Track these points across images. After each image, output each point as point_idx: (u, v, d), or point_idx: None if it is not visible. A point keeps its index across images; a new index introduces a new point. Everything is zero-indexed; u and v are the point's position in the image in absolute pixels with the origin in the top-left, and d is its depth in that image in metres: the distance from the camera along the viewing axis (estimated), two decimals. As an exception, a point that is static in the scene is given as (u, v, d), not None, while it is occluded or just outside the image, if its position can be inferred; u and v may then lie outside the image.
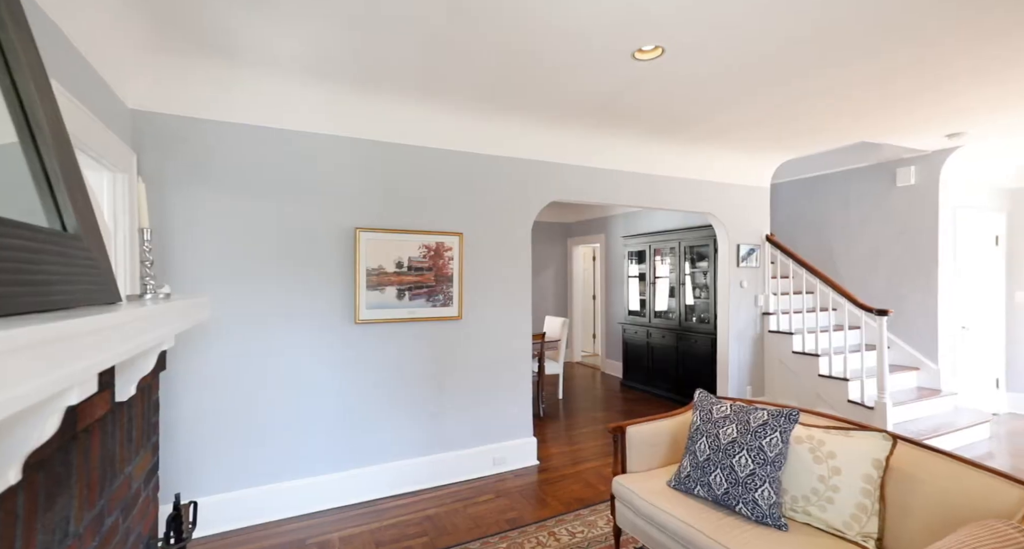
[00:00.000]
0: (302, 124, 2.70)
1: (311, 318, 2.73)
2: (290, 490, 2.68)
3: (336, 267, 2.80)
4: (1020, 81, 2.54)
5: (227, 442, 2.55)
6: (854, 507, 1.66)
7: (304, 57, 2.23)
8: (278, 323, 2.66)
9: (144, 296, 1.38)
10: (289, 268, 2.69)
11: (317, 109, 2.68)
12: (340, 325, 2.80)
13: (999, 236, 4.54)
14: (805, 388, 4.06)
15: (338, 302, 2.80)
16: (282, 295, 2.67)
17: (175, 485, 2.43)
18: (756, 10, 1.85)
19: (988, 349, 4.48)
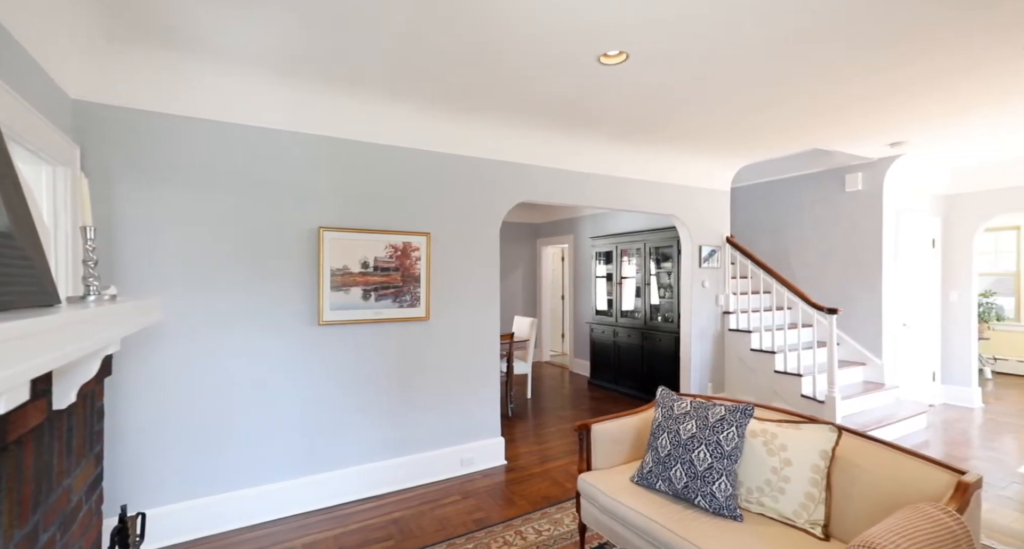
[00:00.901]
0: (264, 120, 2.61)
1: (272, 320, 2.65)
2: (249, 497, 2.59)
3: (299, 267, 2.72)
4: (954, 96, 2.74)
5: (181, 449, 2.44)
6: (803, 496, 1.75)
7: (265, 51, 2.16)
8: (237, 325, 2.56)
9: (87, 298, 1.30)
10: (249, 269, 2.59)
11: (280, 105, 2.60)
12: (303, 327, 2.73)
13: (935, 239, 4.87)
14: (762, 384, 4.24)
15: (301, 303, 2.72)
16: (242, 296, 2.57)
17: (123, 496, 2.31)
18: (714, 23, 1.92)
19: (926, 345, 4.80)
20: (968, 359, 4.78)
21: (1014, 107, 2.94)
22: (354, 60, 2.26)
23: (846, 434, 1.86)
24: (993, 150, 4.05)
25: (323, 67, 2.33)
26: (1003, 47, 2.15)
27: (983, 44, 2.12)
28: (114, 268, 2.30)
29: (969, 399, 4.75)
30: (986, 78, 2.49)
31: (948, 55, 2.23)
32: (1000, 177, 4.54)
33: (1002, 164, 4.47)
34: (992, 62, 2.30)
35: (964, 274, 4.81)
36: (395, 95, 2.66)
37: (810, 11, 1.86)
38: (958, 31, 2.01)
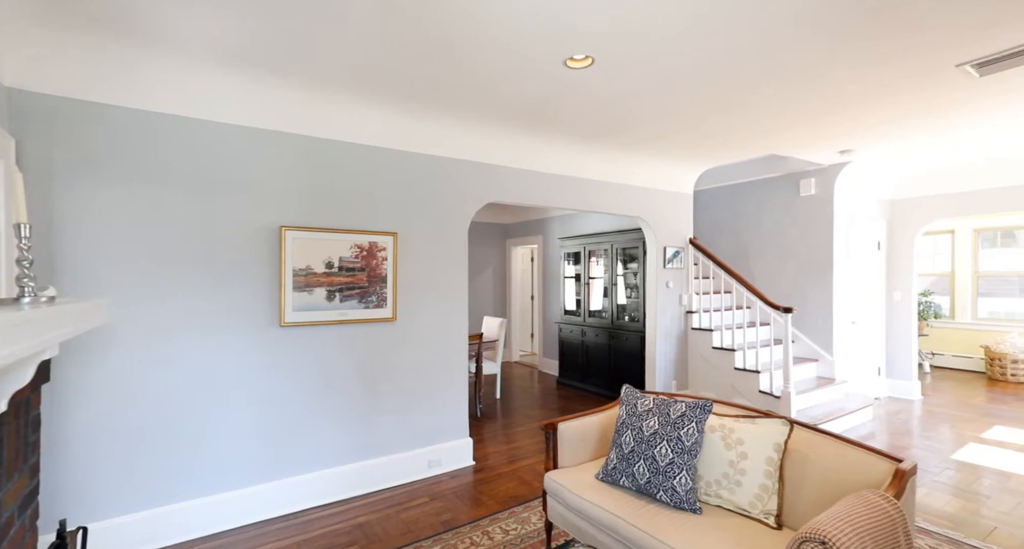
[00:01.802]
0: (222, 115, 2.51)
1: (231, 321, 2.55)
2: (206, 506, 2.48)
3: (259, 267, 2.63)
4: (894, 108, 2.92)
5: (131, 458, 2.32)
6: (758, 488, 1.83)
7: (222, 43, 2.08)
8: (192, 327, 2.45)
9: (21, 300, 1.22)
10: (205, 269, 2.49)
11: (239, 100, 2.51)
12: (263, 328, 2.64)
13: (880, 242, 5.18)
14: (723, 381, 4.39)
15: (261, 304, 2.63)
16: (198, 298, 2.46)
17: (64, 510, 2.17)
18: (677, 33, 1.98)
19: (872, 341, 5.09)
20: (909, 355, 5.10)
21: (948, 121, 3.16)
22: (316, 56, 2.20)
23: (797, 427, 1.95)
24: (931, 159, 4.34)
25: (283, 62, 2.26)
26: (935, 65, 2.31)
27: (916, 63, 2.27)
28: (56, 269, 2.15)
29: (910, 392, 5.07)
30: (922, 93, 2.67)
31: (887, 71, 2.37)
32: (937, 185, 4.87)
33: (939, 173, 4.79)
34: (927, 78, 2.47)
35: (906, 275, 5.13)
36: (361, 93, 2.61)
37: (763, 26, 1.94)
38: (892, 49, 2.14)
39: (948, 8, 1.84)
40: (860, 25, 1.95)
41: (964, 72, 2.38)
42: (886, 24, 1.95)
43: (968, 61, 2.26)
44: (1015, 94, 2.71)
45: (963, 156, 4.24)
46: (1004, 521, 2.56)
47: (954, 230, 6.83)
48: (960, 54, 2.20)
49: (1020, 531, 2.46)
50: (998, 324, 6.40)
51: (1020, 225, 6.31)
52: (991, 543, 2.35)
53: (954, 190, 4.78)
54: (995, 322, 6.45)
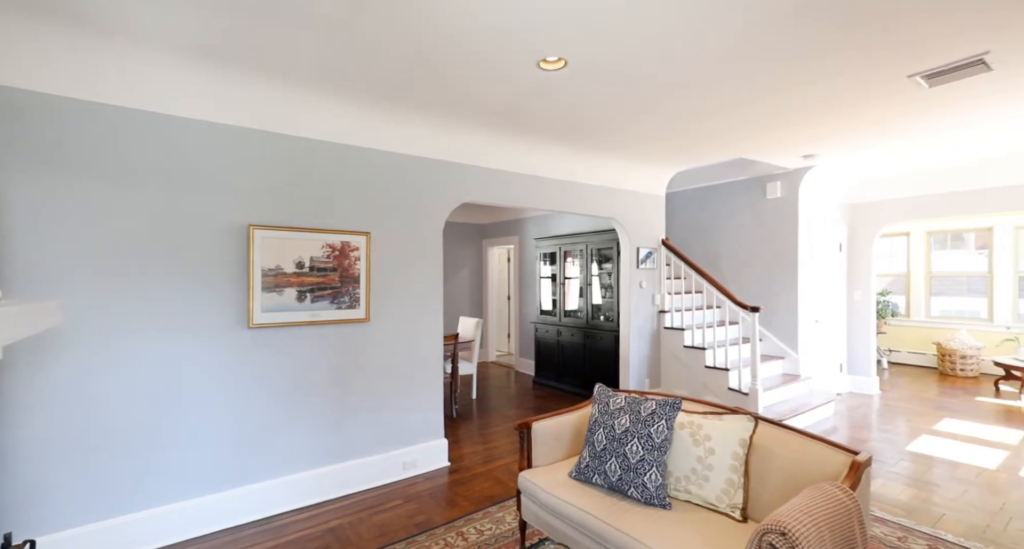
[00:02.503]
0: (186, 110, 2.43)
1: (196, 323, 2.47)
2: (173, 513, 2.39)
3: (226, 267, 2.55)
4: (853, 115, 3.05)
5: (85, 467, 2.21)
6: (724, 482, 1.88)
7: (182, 36, 2.01)
8: (155, 329, 2.36)
9: (-40, 301, 1.15)
10: (169, 269, 2.40)
11: (203, 95, 2.42)
12: (230, 330, 2.56)
13: (842, 243, 5.40)
14: (694, 378, 4.50)
15: (228, 305, 2.55)
16: (160, 299, 2.37)
17: (11, 523, 2.05)
18: (647, 38, 2.02)
19: (834, 339, 5.30)
20: (868, 351, 5.33)
21: (902, 129, 3.32)
22: (282, 51, 2.15)
23: (762, 423, 2.01)
24: (888, 165, 4.56)
25: (248, 57, 2.20)
26: (888, 76, 2.42)
27: (871, 74, 2.38)
28: (7, 268, 2.04)
29: (869, 387, 5.31)
30: (877, 102, 2.80)
31: (845, 82, 2.48)
32: (894, 189, 5.11)
33: (895, 178, 5.03)
34: (881, 89, 2.59)
35: (865, 275, 5.37)
36: (331, 90, 2.56)
37: (729, 36, 2.00)
38: (848, 61, 2.24)
39: (899, 24, 1.93)
40: (819, 38, 2.03)
41: (915, 83, 2.51)
42: (843, 37, 2.03)
43: (918, 72, 2.39)
44: (961, 104, 2.87)
45: (917, 162, 4.47)
46: (952, 507, 2.71)
47: (909, 233, 7.18)
48: (911, 66, 2.32)
49: (965, 517, 2.61)
50: (949, 322, 6.76)
51: (968, 228, 6.69)
52: (939, 529, 2.48)
53: (909, 194, 5.02)
54: (946, 320, 6.81)
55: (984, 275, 6.54)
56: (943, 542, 2.35)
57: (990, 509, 2.69)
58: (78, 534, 2.18)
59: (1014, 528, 2.49)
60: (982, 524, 2.53)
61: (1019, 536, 2.42)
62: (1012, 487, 2.98)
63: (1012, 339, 5.94)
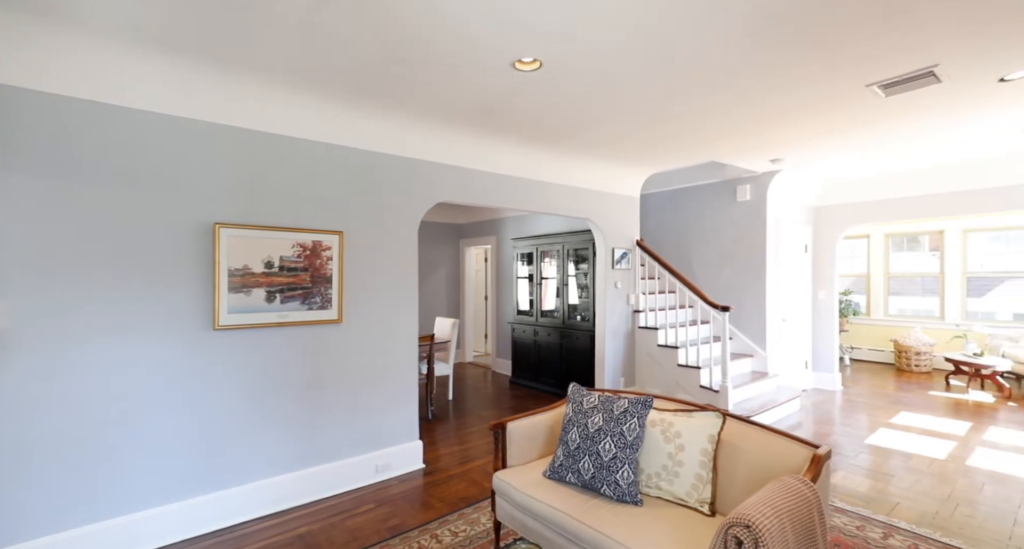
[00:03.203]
0: (146, 103, 2.33)
1: (157, 325, 2.37)
2: (133, 524, 2.29)
3: (190, 267, 2.46)
4: (816, 122, 3.17)
5: (38, 477, 2.10)
6: (694, 478, 1.92)
7: (147, 26, 1.93)
8: (111, 332, 2.26)
9: None
10: (128, 268, 2.30)
11: (164, 87, 2.33)
12: (195, 332, 2.47)
13: (807, 245, 5.60)
14: (667, 377, 4.59)
15: (192, 307, 2.47)
16: (119, 300, 2.27)
17: (-47, 540, 1.93)
18: (618, 42, 2.05)
19: (800, 337, 5.50)
20: (832, 349, 5.55)
21: (860, 136, 3.47)
22: (246, 44, 2.09)
23: (730, 419, 2.07)
24: (849, 170, 4.76)
25: (211, 49, 2.13)
26: (847, 85, 2.53)
27: (831, 83, 2.48)
28: (-58, 267, 1.92)
29: (832, 383, 5.52)
30: (837, 110, 2.92)
31: (807, 90, 2.58)
32: (855, 193, 5.34)
33: (856, 182, 5.26)
34: (840, 97, 2.70)
35: (828, 276, 5.59)
36: (302, 86, 2.51)
37: (698, 44, 2.05)
38: (810, 70, 2.33)
39: (855, 36, 2.02)
40: (784, 46, 2.11)
41: (872, 92, 2.63)
42: (805, 47, 2.11)
43: (875, 82, 2.50)
44: (916, 113, 3.02)
45: (876, 167, 4.68)
46: (905, 497, 2.85)
47: (869, 235, 7.51)
48: (868, 76, 2.43)
49: (917, 505, 2.74)
50: (905, 320, 7.10)
51: (923, 231, 7.04)
52: (894, 517, 2.60)
53: (869, 198, 5.25)
54: (903, 318, 7.15)
55: (936, 276, 6.90)
56: (897, 529, 2.47)
57: (939, 497, 2.84)
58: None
59: (960, 514, 2.64)
60: (932, 511, 2.67)
61: (964, 521, 2.56)
62: (959, 475, 3.15)
63: (960, 336, 6.28)
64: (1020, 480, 3.07)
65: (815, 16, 1.88)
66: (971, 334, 6.35)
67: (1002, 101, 2.83)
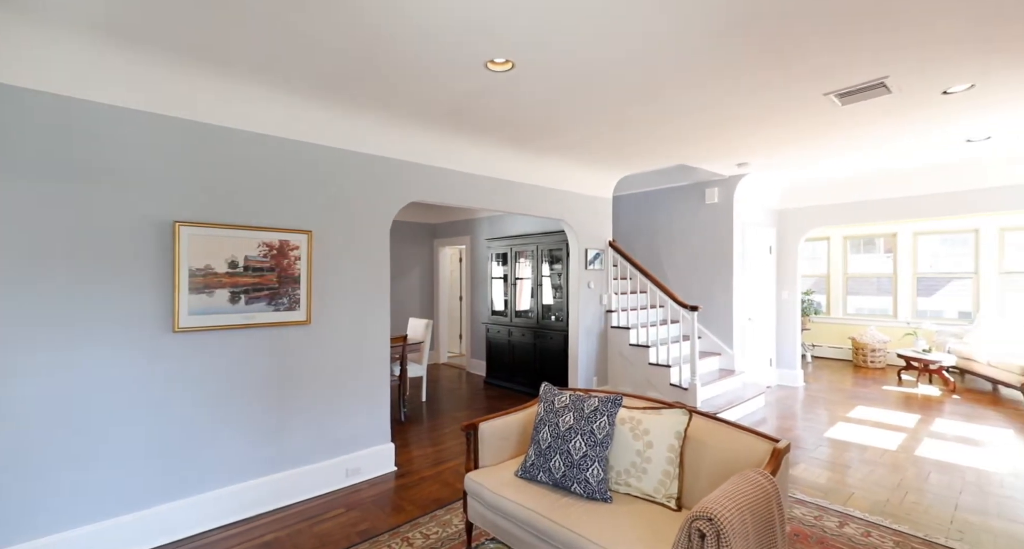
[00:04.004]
0: (106, 95, 2.22)
1: (111, 328, 2.26)
2: (81, 538, 2.17)
3: (148, 267, 2.36)
4: (779, 129, 3.29)
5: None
6: (661, 474, 1.97)
7: (106, 16, 1.84)
8: (61, 335, 2.14)
9: None
10: (81, 269, 2.18)
11: (125, 79, 2.23)
12: (153, 335, 2.37)
13: (772, 246, 5.81)
14: (639, 375, 4.68)
15: (150, 308, 2.37)
16: (71, 301, 2.16)
17: None
18: (587, 45, 2.08)
19: (765, 336, 5.70)
20: (794, 347, 5.77)
21: (819, 142, 3.63)
22: (215, 38, 2.02)
23: (696, 416, 2.13)
24: (809, 175, 4.96)
25: (178, 42, 2.05)
26: (807, 92, 2.64)
27: (791, 91, 2.58)
28: None
29: (795, 380, 5.74)
30: (797, 117, 3.04)
31: (768, 98, 2.68)
32: (815, 197, 5.57)
33: (817, 187, 5.49)
34: (799, 105, 2.81)
35: (791, 276, 5.81)
36: (270, 82, 2.44)
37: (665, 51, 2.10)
38: (770, 78, 2.42)
39: (810, 47, 2.11)
40: (746, 55, 2.18)
41: (830, 101, 2.75)
42: (766, 56, 2.19)
43: (832, 91, 2.62)
44: (870, 122, 3.18)
45: (835, 172, 4.89)
46: (860, 487, 2.99)
47: (829, 237, 7.85)
48: (825, 85, 2.54)
49: (870, 494, 2.89)
50: (862, 319, 7.46)
51: (878, 234, 7.41)
52: (849, 507, 2.73)
53: (828, 202, 5.49)
54: (860, 317, 7.50)
55: (890, 276, 7.27)
56: (852, 518, 2.59)
57: (890, 486, 3.00)
58: (-34, 566, 1.95)
59: (908, 501, 2.79)
60: (884, 499, 2.81)
61: (912, 508, 2.71)
62: (908, 465, 3.33)
63: (911, 333, 6.64)
64: (961, 468, 3.28)
65: (776, 28, 1.96)
66: (921, 331, 6.71)
67: (946, 112, 3.00)
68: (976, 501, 2.80)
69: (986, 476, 3.15)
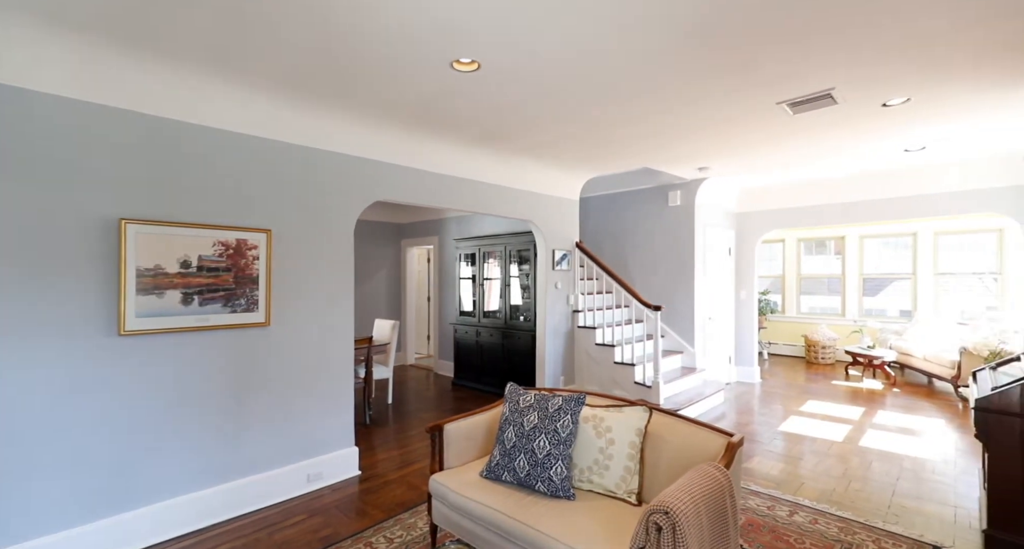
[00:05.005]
0: (41, 83, 2.08)
1: (52, 331, 2.12)
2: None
3: (91, 266, 2.23)
4: (736, 135, 3.43)
5: None
6: (623, 470, 2.02)
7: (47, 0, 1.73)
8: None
9: None
10: (15, 269, 2.04)
11: (66, 67, 2.09)
12: (96, 338, 2.24)
13: (731, 248, 6.04)
14: (604, 374, 4.77)
15: (93, 310, 2.23)
16: (4, 304, 2.01)
17: None
18: (551, 47, 2.11)
19: (724, 334, 5.91)
20: (752, 344, 6.02)
21: (777, 147, 3.80)
22: (167, 26, 1.93)
23: (656, 413, 2.19)
24: (765, 180, 5.19)
25: (127, 29, 1.94)
26: (762, 100, 2.77)
27: (746, 100, 2.70)
28: None
29: (752, 376, 5.99)
30: (752, 125, 3.18)
31: (725, 106, 2.79)
32: (771, 201, 5.82)
33: (774, 191, 5.74)
34: (754, 113, 2.94)
35: (749, 277, 6.05)
36: (223, 74, 2.35)
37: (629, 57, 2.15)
38: (726, 86, 2.53)
39: (761, 58, 2.21)
40: (704, 61, 2.26)
41: (783, 110, 2.89)
42: (722, 64, 2.28)
43: (784, 101, 2.75)
44: (819, 131, 3.36)
45: (789, 178, 5.14)
46: (809, 477, 3.16)
47: (784, 240, 8.23)
48: (778, 95, 2.67)
49: (819, 484, 3.05)
50: (814, 317, 7.85)
51: (828, 236, 7.83)
52: (799, 496, 2.87)
53: (783, 206, 5.76)
54: (813, 316, 7.90)
55: (839, 277, 7.69)
56: (801, 507, 2.73)
57: (837, 475, 3.18)
58: None
59: (852, 489, 2.97)
60: (830, 488, 2.98)
61: (855, 496, 2.88)
62: (852, 455, 3.54)
63: (857, 331, 7.05)
64: (900, 456, 3.51)
65: (734, 37, 2.04)
66: (866, 329, 7.14)
67: (886, 123, 3.21)
68: (911, 487, 3.00)
69: (920, 463, 3.38)
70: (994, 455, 2.26)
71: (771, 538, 2.41)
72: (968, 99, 2.77)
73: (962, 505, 2.76)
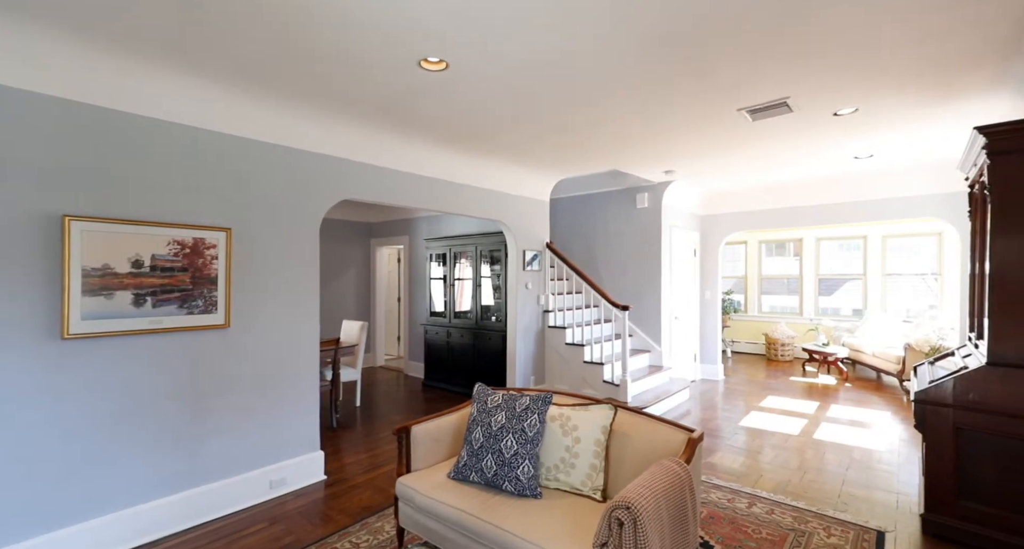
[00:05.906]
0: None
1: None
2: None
3: (30, 266, 2.09)
4: (699, 140, 3.54)
5: None
6: (588, 468, 2.05)
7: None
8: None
9: None
10: (-62, 266, 1.89)
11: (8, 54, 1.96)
12: (35, 342, 2.11)
13: (696, 249, 6.23)
14: (574, 373, 4.82)
15: (32, 312, 2.10)
16: (-78, 304, 1.86)
17: None
18: (518, 48, 2.12)
19: (690, 333, 6.09)
20: (716, 343, 6.22)
21: (738, 152, 3.94)
22: (115, 11, 1.84)
23: (621, 410, 2.23)
24: (728, 183, 5.37)
25: (71, 13, 1.83)
26: (723, 107, 2.86)
27: (708, 105, 2.79)
28: None
29: (716, 374, 6.19)
30: (719, 128, 3.29)
31: (688, 110, 2.87)
32: (734, 204, 6.03)
33: (736, 194, 5.95)
34: (719, 116, 3.05)
35: (713, 277, 6.25)
36: (187, 65, 2.25)
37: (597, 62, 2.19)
38: (689, 91, 2.60)
39: (719, 67, 2.29)
40: (667, 68, 2.33)
41: (742, 116, 3.01)
42: (686, 70, 2.35)
43: (744, 107, 2.86)
44: (777, 137, 3.50)
45: (750, 182, 5.34)
46: (767, 469, 3.29)
47: (746, 241, 8.54)
48: (738, 102, 2.77)
49: (776, 476, 3.18)
50: (774, 316, 8.18)
51: (787, 239, 8.17)
52: (758, 488, 2.99)
53: (744, 209, 5.97)
54: (773, 315, 8.23)
55: (797, 277, 8.04)
56: (759, 499, 2.84)
57: (792, 467, 3.33)
58: None
59: (807, 480, 3.11)
60: (787, 480, 3.11)
61: (810, 486, 3.02)
62: (807, 447, 3.71)
63: (813, 329, 7.39)
64: (850, 448, 3.70)
65: (694, 46, 2.11)
66: (821, 327, 7.48)
67: (837, 131, 3.38)
68: (860, 476, 3.17)
69: (868, 453, 3.58)
70: (930, 444, 2.42)
71: (731, 529, 2.49)
72: (910, 110, 2.95)
73: (904, 491, 2.94)
